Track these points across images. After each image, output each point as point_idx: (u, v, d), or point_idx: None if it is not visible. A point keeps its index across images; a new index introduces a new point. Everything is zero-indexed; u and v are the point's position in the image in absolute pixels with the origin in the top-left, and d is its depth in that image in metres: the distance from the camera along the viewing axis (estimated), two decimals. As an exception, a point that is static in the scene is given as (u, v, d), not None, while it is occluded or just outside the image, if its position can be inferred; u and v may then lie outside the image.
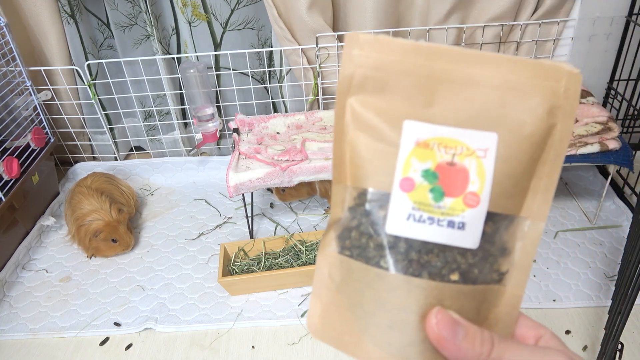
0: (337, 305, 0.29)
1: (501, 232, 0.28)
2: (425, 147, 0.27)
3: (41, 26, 1.23)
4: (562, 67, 0.27)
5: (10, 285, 1.06)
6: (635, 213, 0.87)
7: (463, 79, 0.27)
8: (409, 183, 0.27)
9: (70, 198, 1.13)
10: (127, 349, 0.91)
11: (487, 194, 0.27)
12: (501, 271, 0.28)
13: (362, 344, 0.28)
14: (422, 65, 0.27)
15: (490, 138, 0.26)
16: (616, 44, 1.20)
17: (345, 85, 0.28)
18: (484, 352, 0.27)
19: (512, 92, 0.27)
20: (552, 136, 0.27)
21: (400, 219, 0.27)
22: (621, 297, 0.74)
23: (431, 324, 0.27)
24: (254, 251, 1.05)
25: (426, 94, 0.27)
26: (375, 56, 0.27)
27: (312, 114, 1.23)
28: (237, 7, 1.23)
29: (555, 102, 0.27)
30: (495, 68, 0.27)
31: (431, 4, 1.18)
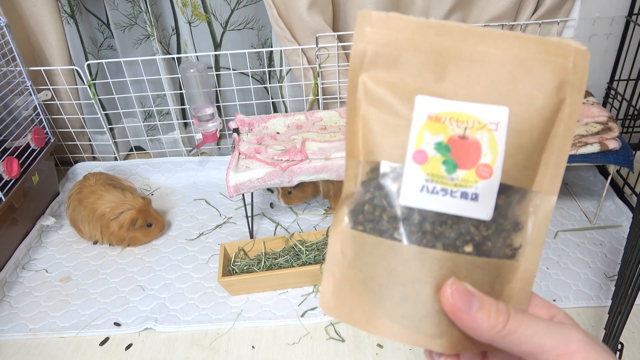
0: (350, 281, 0.29)
1: (513, 206, 0.28)
2: (437, 120, 0.27)
3: (41, 26, 1.23)
4: (570, 43, 0.27)
5: (10, 285, 1.06)
6: (635, 213, 0.87)
7: (473, 55, 0.27)
8: (422, 155, 0.27)
9: (79, 200, 1.11)
10: (127, 349, 0.91)
11: (500, 166, 0.27)
12: (514, 246, 0.28)
13: (375, 318, 0.28)
14: (432, 42, 0.27)
15: (501, 112, 0.27)
16: (616, 44, 1.20)
17: (358, 61, 0.28)
18: (499, 323, 0.26)
19: (521, 68, 0.27)
20: (561, 110, 0.28)
21: (413, 190, 0.27)
22: (621, 297, 0.74)
23: (446, 294, 0.27)
24: (254, 251, 1.05)
25: (437, 69, 0.27)
26: (386, 33, 0.28)
27: (312, 114, 1.23)
28: (237, 7, 1.24)
29: (564, 78, 0.27)
30: (504, 45, 0.27)
31: (431, 4, 1.18)
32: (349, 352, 0.88)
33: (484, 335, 0.27)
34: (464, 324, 0.27)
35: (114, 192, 1.12)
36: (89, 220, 1.10)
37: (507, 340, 0.26)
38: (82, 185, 1.15)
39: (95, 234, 1.12)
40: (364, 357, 0.87)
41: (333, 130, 1.17)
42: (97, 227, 1.10)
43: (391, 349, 0.88)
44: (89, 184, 1.14)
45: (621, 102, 1.21)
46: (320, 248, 1.01)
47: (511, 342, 0.26)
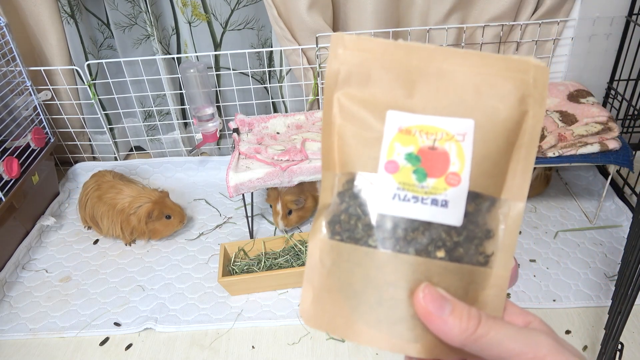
0: (329, 289, 0.30)
1: (483, 213, 0.29)
2: (407, 133, 0.29)
3: (41, 26, 1.23)
4: (530, 60, 0.29)
5: (10, 285, 1.06)
6: (635, 213, 0.87)
7: (439, 73, 0.29)
8: (393, 165, 0.29)
9: (98, 196, 1.11)
10: (127, 349, 0.91)
11: (468, 174, 0.28)
12: (487, 254, 0.29)
13: (353, 325, 0.29)
14: (401, 61, 0.30)
15: (467, 124, 0.29)
16: (616, 44, 1.20)
17: (332, 80, 0.30)
18: (470, 327, 0.27)
19: (485, 83, 0.29)
20: (525, 122, 0.29)
21: (386, 198, 0.29)
22: (621, 297, 0.74)
23: (418, 298, 0.28)
24: (254, 251, 1.05)
25: (406, 86, 0.29)
26: (358, 54, 0.30)
27: (312, 114, 1.23)
28: (237, 7, 1.24)
29: (526, 91, 0.29)
30: (469, 62, 0.29)
31: (431, 4, 1.18)
32: (349, 352, 0.88)
33: (455, 339, 0.27)
34: (435, 328, 0.27)
35: (132, 186, 1.13)
36: (108, 215, 1.11)
37: (478, 345, 0.27)
38: (100, 181, 1.15)
39: (115, 229, 1.11)
40: (364, 357, 0.87)
41: (333, 130, 1.17)
42: (117, 222, 1.10)
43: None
44: (107, 179, 1.15)
45: (621, 102, 1.21)
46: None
47: (481, 347, 0.27)
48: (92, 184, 1.15)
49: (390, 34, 1.20)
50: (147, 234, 1.13)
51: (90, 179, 1.18)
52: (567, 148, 1.02)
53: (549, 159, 1.02)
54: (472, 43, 1.24)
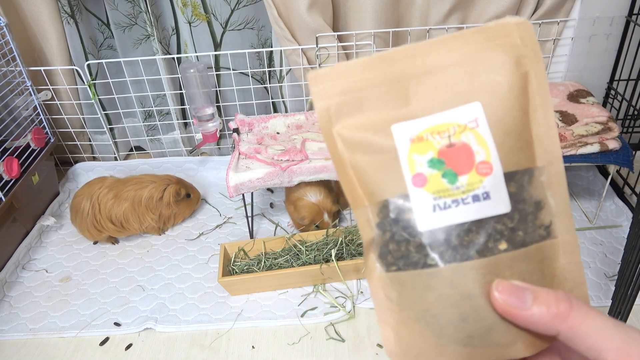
0: (405, 323, 0.28)
1: (526, 187, 0.28)
2: (420, 140, 0.27)
3: (41, 26, 1.23)
4: (507, 21, 0.28)
5: (10, 285, 1.06)
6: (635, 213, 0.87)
7: (425, 70, 0.28)
8: (421, 178, 0.27)
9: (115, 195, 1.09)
10: (127, 349, 0.91)
11: (496, 158, 0.27)
12: (545, 224, 0.28)
13: (445, 349, 0.27)
14: (385, 72, 0.28)
15: (474, 108, 0.27)
16: (616, 44, 1.20)
17: (325, 118, 0.29)
18: (561, 311, 0.25)
19: (474, 61, 0.28)
20: (530, 83, 0.28)
21: (426, 213, 0.27)
22: (621, 297, 0.74)
23: (494, 297, 0.26)
24: (254, 251, 1.05)
25: (399, 95, 0.28)
26: (340, 82, 0.28)
27: (312, 114, 1.23)
28: (237, 7, 1.24)
29: (518, 53, 0.27)
30: (450, 47, 0.28)
31: (431, 4, 1.18)
32: (349, 352, 0.88)
33: (548, 327, 0.26)
34: (523, 322, 0.26)
35: (142, 177, 1.15)
36: (133, 210, 1.10)
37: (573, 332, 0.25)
38: (106, 183, 1.12)
39: (144, 221, 1.12)
40: (364, 357, 0.87)
41: (333, 130, 1.17)
42: (146, 212, 1.11)
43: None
44: (110, 181, 1.14)
45: (621, 102, 1.21)
46: (320, 248, 1.01)
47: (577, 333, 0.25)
48: (99, 190, 1.11)
49: (390, 34, 1.20)
50: (173, 219, 1.16)
51: (91, 187, 1.13)
52: (567, 148, 1.02)
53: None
54: (472, 43, 1.23)
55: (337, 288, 1.00)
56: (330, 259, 0.97)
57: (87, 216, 1.10)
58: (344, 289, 0.99)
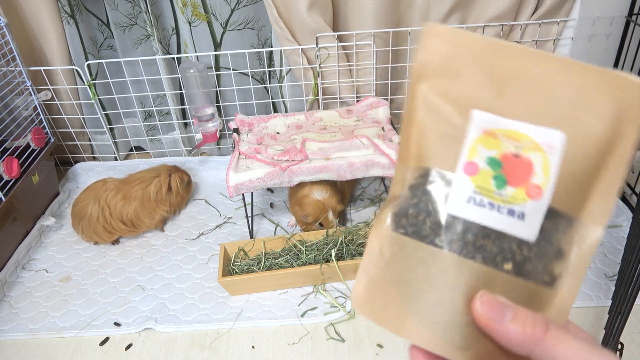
0: (384, 281, 0.29)
1: (559, 232, 0.28)
2: (492, 136, 0.27)
3: (41, 26, 1.23)
4: (629, 77, 0.27)
5: (10, 285, 1.06)
6: (635, 213, 0.87)
7: (532, 77, 0.28)
8: (473, 167, 0.27)
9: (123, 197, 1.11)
10: (127, 349, 0.91)
11: (551, 189, 0.27)
12: (554, 274, 0.28)
13: (405, 321, 0.28)
14: (493, 59, 0.28)
15: (557, 136, 0.27)
16: (616, 44, 1.20)
17: (420, 71, 0.29)
18: (536, 334, 0.25)
19: (581, 94, 0.27)
20: (617, 144, 0.27)
21: (461, 200, 0.27)
22: (621, 297, 0.74)
23: (476, 305, 0.26)
24: (254, 251, 1.05)
25: (496, 86, 0.28)
26: (449, 47, 0.29)
27: (312, 114, 1.23)
28: (237, 7, 1.24)
29: (624, 111, 0.27)
30: (564, 70, 0.27)
31: (431, 4, 1.18)
32: (349, 352, 0.88)
33: (521, 346, 0.26)
34: (497, 336, 0.26)
35: (139, 174, 1.18)
36: (143, 207, 1.13)
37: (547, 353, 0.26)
38: (110, 185, 1.13)
39: (155, 215, 1.15)
40: (364, 357, 0.87)
41: (333, 131, 1.17)
42: (156, 207, 1.14)
43: (391, 348, 0.88)
44: (113, 182, 1.15)
45: (621, 102, 1.21)
46: (320, 248, 1.01)
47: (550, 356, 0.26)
48: (105, 193, 1.11)
49: (390, 34, 1.20)
50: (182, 204, 1.22)
51: (95, 191, 1.13)
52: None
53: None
54: (472, 43, 1.23)
55: (337, 288, 1.00)
56: (330, 259, 0.97)
57: (96, 220, 1.10)
58: (344, 289, 0.99)
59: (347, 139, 1.10)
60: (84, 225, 1.12)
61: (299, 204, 1.08)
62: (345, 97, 1.30)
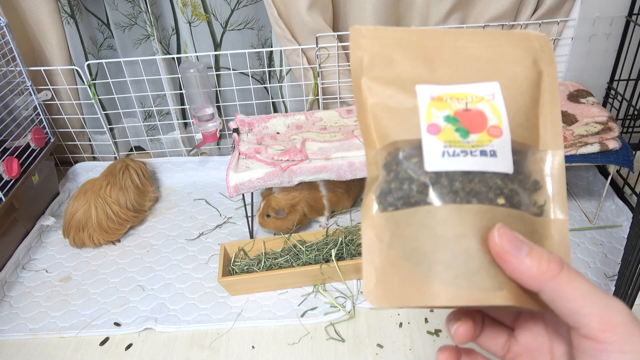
0: (393, 262, 0.29)
1: (528, 162, 0.31)
2: (440, 100, 0.31)
3: (41, 26, 1.23)
4: (530, 32, 0.33)
5: (10, 285, 1.06)
6: (635, 213, 0.87)
7: (453, 50, 0.32)
8: (435, 127, 0.30)
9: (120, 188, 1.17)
10: (127, 349, 0.91)
11: (507, 126, 0.30)
12: (539, 204, 0.30)
13: (429, 288, 0.28)
14: (417, 44, 0.32)
15: (493, 85, 0.31)
16: (616, 44, 1.20)
17: (357, 67, 0.32)
18: (550, 270, 0.26)
19: (498, 52, 0.32)
20: (542, 81, 0.32)
21: (435, 156, 0.29)
22: (621, 297, 0.74)
23: (494, 237, 0.27)
24: (254, 251, 1.05)
25: (427, 64, 0.32)
26: (377, 41, 0.32)
27: (312, 114, 1.23)
28: (237, 7, 1.23)
29: (536, 55, 0.32)
30: (478, 38, 0.32)
31: (431, 4, 1.18)
32: (349, 352, 0.88)
33: (533, 281, 0.26)
34: (511, 268, 0.27)
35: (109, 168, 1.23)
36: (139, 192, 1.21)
37: (557, 292, 0.26)
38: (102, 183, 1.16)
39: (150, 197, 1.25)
40: (364, 357, 0.87)
41: (333, 130, 1.17)
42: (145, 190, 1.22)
43: (391, 349, 0.88)
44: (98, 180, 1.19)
45: (621, 102, 1.21)
46: (320, 248, 1.01)
47: (561, 294, 0.26)
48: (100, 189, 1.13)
49: (390, 34, 1.20)
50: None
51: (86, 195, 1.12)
52: (567, 148, 1.02)
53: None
54: (472, 43, 1.23)
55: (337, 288, 1.00)
56: (330, 259, 0.97)
57: (107, 218, 1.12)
58: (344, 289, 0.99)
59: (347, 139, 1.10)
60: (89, 231, 1.11)
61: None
62: (345, 97, 1.30)
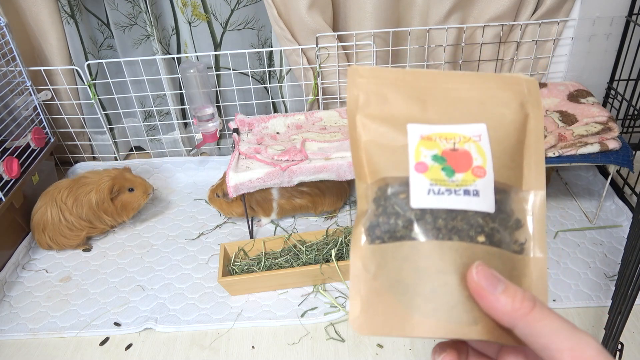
0: (377, 292, 0.31)
1: (511, 202, 0.32)
2: (429, 139, 0.32)
3: (41, 26, 1.23)
4: (519, 75, 0.34)
5: (10, 285, 1.06)
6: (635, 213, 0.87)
7: (445, 92, 0.34)
8: (423, 166, 0.32)
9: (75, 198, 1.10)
10: (127, 349, 0.91)
11: (491, 166, 0.32)
12: (520, 241, 0.32)
13: (409, 319, 0.30)
14: (411, 84, 0.34)
15: (480, 127, 0.32)
16: (616, 44, 1.20)
17: (353, 105, 0.34)
18: (523, 307, 0.27)
19: (487, 95, 0.34)
20: (528, 123, 0.33)
21: (421, 194, 0.31)
22: (621, 297, 0.74)
23: (472, 274, 0.29)
24: (254, 251, 1.05)
25: (419, 104, 0.33)
26: (374, 81, 0.34)
27: (312, 114, 1.23)
28: (237, 7, 1.23)
29: (523, 98, 0.33)
30: (468, 81, 0.34)
31: (431, 4, 1.18)
32: (349, 352, 0.88)
33: (506, 317, 0.28)
34: (487, 305, 0.28)
35: (90, 176, 1.14)
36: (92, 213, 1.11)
37: (529, 329, 0.27)
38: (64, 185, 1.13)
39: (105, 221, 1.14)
40: (363, 357, 0.87)
41: (333, 130, 1.17)
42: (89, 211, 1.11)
43: (391, 349, 0.88)
44: (64, 181, 1.14)
45: (621, 102, 1.21)
46: (320, 248, 1.02)
47: (532, 331, 0.27)
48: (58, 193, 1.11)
49: (390, 34, 1.20)
50: (119, 213, 1.15)
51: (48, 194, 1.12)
52: (567, 148, 1.02)
53: (549, 159, 1.02)
54: (472, 43, 1.24)
55: (337, 288, 1.00)
56: (330, 259, 0.97)
57: (57, 223, 1.10)
58: (344, 289, 0.99)
59: (347, 139, 1.10)
60: (50, 233, 1.10)
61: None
62: (345, 97, 1.30)
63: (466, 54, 1.26)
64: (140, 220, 1.24)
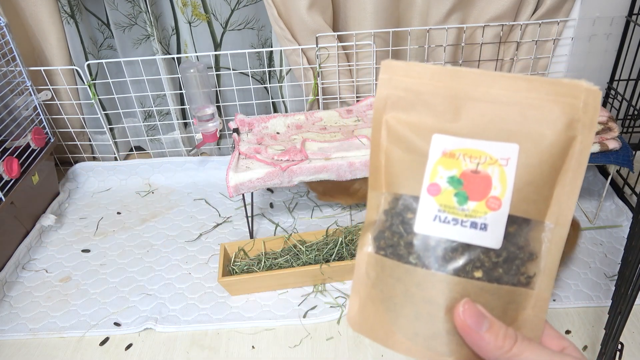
0: (372, 300, 0.32)
1: (525, 236, 0.30)
2: (451, 157, 0.30)
3: (41, 26, 1.23)
4: (581, 84, 0.29)
5: (10, 285, 1.06)
6: (635, 213, 0.87)
7: (485, 98, 0.30)
8: (436, 188, 0.30)
9: None
10: (127, 349, 0.91)
11: (509, 199, 0.29)
12: (529, 274, 0.30)
13: (392, 335, 0.31)
14: (448, 86, 0.30)
15: (512, 148, 0.29)
16: (616, 44, 1.20)
17: (381, 104, 0.32)
18: (505, 346, 0.28)
19: (531, 108, 0.29)
20: (572, 147, 0.29)
21: (427, 219, 0.30)
22: (621, 297, 0.74)
23: (458, 312, 0.29)
24: (254, 251, 1.05)
25: (452, 110, 0.30)
26: (406, 80, 0.31)
27: (312, 114, 1.23)
28: (237, 7, 1.24)
29: (575, 116, 0.29)
30: (515, 86, 0.29)
31: (431, 4, 1.18)
32: (349, 352, 0.88)
33: (490, 354, 0.29)
34: (471, 342, 0.29)
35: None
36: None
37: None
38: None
39: None
40: (363, 357, 0.87)
41: (333, 130, 1.17)
42: None
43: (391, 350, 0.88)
44: None
45: (621, 102, 1.21)
46: (320, 248, 1.01)
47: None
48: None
49: (390, 34, 1.20)
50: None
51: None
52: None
53: (549, 159, 1.02)
54: (472, 43, 1.24)
55: (337, 288, 1.00)
56: (330, 259, 0.97)
57: None
58: (344, 289, 0.99)
59: (347, 139, 1.10)
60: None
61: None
62: (345, 97, 1.30)
63: (466, 54, 1.26)
64: (141, 220, 1.24)
